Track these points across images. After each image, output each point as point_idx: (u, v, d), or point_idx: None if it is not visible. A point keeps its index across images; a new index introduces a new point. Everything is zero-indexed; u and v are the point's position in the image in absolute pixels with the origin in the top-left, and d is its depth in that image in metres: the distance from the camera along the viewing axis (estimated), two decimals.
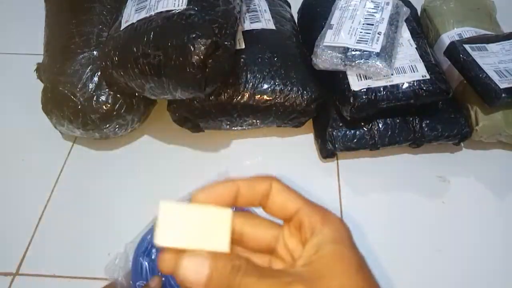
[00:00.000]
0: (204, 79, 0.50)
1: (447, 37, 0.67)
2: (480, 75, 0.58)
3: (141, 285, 0.47)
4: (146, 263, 0.48)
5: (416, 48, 0.61)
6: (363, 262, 0.22)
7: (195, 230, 0.21)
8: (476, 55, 0.60)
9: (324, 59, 0.59)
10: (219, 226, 0.22)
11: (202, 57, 0.48)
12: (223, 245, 0.22)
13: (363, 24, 0.61)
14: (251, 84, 0.59)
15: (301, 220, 0.23)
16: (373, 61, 0.57)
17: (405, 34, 0.63)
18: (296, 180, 0.61)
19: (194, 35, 0.48)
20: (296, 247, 0.24)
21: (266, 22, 0.66)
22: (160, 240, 0.21)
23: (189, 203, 0.22)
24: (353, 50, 0.58)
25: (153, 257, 0.48)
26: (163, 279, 0.46)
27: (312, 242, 0.22)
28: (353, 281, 0.21)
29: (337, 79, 0.60)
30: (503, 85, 0.56)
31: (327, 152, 0.62)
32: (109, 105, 0.58)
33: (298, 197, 0.24)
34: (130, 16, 0.55)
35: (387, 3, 0.63)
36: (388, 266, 0.53)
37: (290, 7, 0.75)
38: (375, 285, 0.22)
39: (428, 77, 0.57)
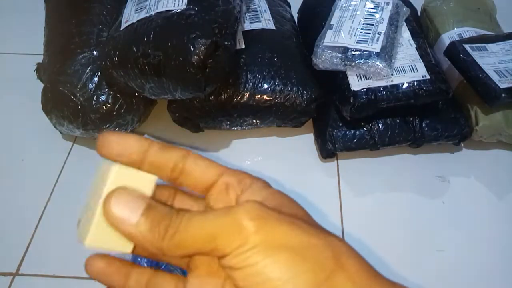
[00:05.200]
0: (204, 79, 0.50)
1: (447, 37, 0.67)
2: (480, 75, 0.58)
3: None
4: (145, 262, 0.48)
5: (416, 48, 0.61)
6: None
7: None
8: (476, 55, 0.60)
9: (324, 59, 0.59)
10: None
11: (202, 57, 0.48)
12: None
13: (363, 24, 0.61)
14: (251, 84, 0.59)
15: (227, 181, 0.22)
16: (373, 61, 0.57)
17: (405, 34, 0.63)
18: (296, 180, 0.61)
19: (194, 35, 0.48)
20: None
21: (266, 22, 0.66)
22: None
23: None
24: (353, 50, 0.58)
25: None
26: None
27: (247, 195, 0.22)
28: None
29: (337, 79, 0.60)
30: (503, 85, 0.56)
31: (327, 152, 0.62)
32: (109, 105, 0.58)
33: (218, 164, 0.22)
34: (130, 16, 0.55)
35: (387, 3, 0.63)
36: (388, 266, 0.53)
37: (290, 7, 0.75)
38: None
39: (428, 77, 0.57)
